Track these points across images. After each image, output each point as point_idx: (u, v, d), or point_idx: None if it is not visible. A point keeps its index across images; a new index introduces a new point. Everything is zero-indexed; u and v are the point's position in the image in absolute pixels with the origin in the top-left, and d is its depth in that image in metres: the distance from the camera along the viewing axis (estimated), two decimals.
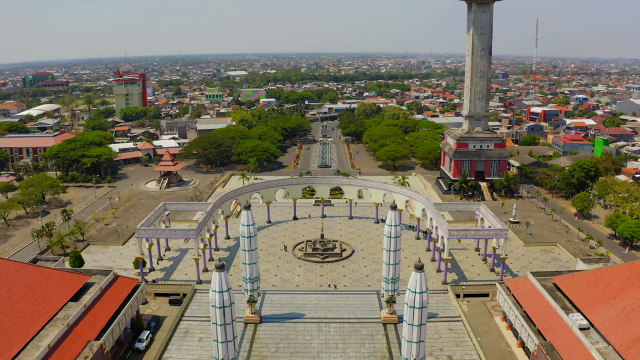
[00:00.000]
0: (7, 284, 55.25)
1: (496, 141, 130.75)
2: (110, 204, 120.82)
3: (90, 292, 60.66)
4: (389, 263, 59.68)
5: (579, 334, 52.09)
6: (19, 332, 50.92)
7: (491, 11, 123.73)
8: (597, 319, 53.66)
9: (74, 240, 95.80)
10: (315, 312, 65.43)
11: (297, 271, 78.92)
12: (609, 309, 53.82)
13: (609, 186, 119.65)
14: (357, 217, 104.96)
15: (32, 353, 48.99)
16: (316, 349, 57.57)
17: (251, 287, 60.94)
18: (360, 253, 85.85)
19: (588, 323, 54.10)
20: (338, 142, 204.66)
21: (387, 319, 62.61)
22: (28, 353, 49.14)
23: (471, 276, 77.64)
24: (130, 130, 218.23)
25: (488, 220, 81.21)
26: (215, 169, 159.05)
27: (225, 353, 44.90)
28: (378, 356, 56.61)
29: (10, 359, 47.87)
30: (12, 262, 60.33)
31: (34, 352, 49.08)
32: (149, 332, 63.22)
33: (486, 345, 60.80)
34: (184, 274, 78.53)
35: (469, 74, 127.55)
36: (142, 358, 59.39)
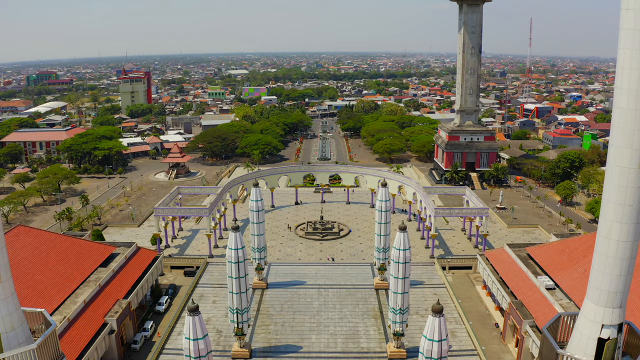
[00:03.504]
0: (46, 250, 63.20)
1: (486, 134, 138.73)
2: (123, 193, 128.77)
3: (117, 260, 68.52)
4: (380, 234, 67.65)
5: (545, 292, 59.92)
6: (58, 290, 58.80)
7: (481, 11, 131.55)
8: (562, 280, 61.51)
9: (92, 224, 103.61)
10: (315, 280, 73.43)
11: (299, 247, 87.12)
12: (573, 271, 61.71)
13: (592, 176, 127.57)
14: (354, 202, 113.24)
15: (70, 307, 56.84)
16: (316, 309, 65.54)
17: (259, 255, 68.92)
18: (356, 232, 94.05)
19: (554, 284, 61.93)
20: (337, 137, 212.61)
21: (379, 284, 70.56)
22: (67, 307, 57.01)
23: (457, 252, 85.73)
24: (137, 126, 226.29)
25: (472, 203, 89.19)
26: (220, 161, 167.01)
27: (239, 302, 52.82)
28: (370, 314, 64.60)
29: (51, 311, 55.87)
30: (49, 232, 68.38)
31: (72, 306, 56.94)
32: (167, 297, 71.17)
33: (467, 308, 68.66)
34: (197, 250, 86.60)
35: (460, 71, 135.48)
36: (162, 318, 67.32)
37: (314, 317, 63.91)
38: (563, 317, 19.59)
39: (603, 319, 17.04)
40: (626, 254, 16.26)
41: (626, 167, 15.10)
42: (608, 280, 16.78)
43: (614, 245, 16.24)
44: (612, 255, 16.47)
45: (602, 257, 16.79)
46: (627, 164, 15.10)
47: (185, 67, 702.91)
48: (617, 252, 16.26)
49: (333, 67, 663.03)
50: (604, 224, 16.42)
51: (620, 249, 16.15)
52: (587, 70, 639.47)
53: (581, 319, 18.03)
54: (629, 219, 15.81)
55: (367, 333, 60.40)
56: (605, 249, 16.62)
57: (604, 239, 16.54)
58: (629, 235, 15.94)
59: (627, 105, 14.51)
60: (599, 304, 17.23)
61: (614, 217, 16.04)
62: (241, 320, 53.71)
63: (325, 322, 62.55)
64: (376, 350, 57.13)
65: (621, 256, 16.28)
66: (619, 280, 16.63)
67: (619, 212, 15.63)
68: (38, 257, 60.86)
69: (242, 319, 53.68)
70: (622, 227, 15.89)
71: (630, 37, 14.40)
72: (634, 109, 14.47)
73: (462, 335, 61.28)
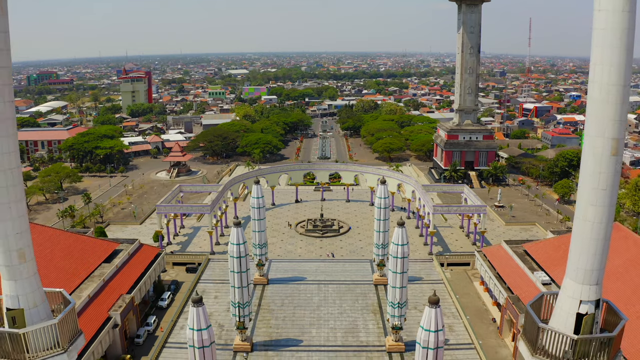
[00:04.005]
0: (50, 246, 64.29)
1: (485, 133, 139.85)
2: (125, 191, 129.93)
3: (120, 256, 69.62)
4: (379, 230, 68.76)
5: (541, 287, 61.05)
6: (63, 285, 59.49)
7: (479, 11, 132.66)
8: (557, 275, 62.59)
9: (94, 222, 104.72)
10: (315, 276, 74.52)
11: (300, 244, 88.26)
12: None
13: None
14: (353, 200, 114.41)
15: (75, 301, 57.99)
16: (316, 304, 66.65)
17: (260, 252, 70.02)
18: (355, 230, 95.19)
19: (550, 279, 63.07)
20: (337, 136, 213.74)
21: (378, 280, 71.67)
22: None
23: (455, 249, 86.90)
24: (137, 125, 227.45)
25: (470, 200, 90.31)
26: (221, 160, 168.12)
27: (240, 296, 53.95)
28: (370, 309, 65.71)
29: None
30: (53, 229, 69.54)
31: (77, 300, 58.04)
32: (169, 292, 72.32)
33: (465, 304, 69.75)
34: (198, 247, 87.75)
35: (459, 71, 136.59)
36: (165, 313, 68.44)
37: (314, 311, 65.01)
38: (546, 296, 20.78)
39: (581, 295, 18.29)
40: (600, 235, 17.50)
41: (599, 154, 16.33)
42: (585, 259, 18.03)
43: (589, 226, 17.47)
44: (587, 236, 17.72)
45: (579, 238, 18.04)
46: (600, 151, 16.35)
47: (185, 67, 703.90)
48: (592, 233, 17.50)
49: (333, 67, 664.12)
50: (580, 207, 17.67)
51: (595, 230, 17.37)
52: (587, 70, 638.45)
53: (561, 296, 19.30)
54: (603, 202, 17.03)
55: (366, 327, 61.51)
56: (582, 230, 17.87)
57: (580, 221, 17.78)
58: (602, 217, 17.17)
59: (599, 97, 15.83)
60: (577, 281, 18.45)
61: (588, 200, 17.28)
62: (243, 314, 54.85)
63: (325, 317, 63.66)
64: (375, 344, 58.23)
65: (596, 237, 17.49)
66: (595, 259, 17.87)
67: (593, 195, 16.78)
68: (43, 252, 61.91)
69: (243, 313, 54.81)
70: (596, 210, 17.09)
71: (601, 35, 15.71)
72: (605, 101, 15.78)
73: (460, 330, 62.37)
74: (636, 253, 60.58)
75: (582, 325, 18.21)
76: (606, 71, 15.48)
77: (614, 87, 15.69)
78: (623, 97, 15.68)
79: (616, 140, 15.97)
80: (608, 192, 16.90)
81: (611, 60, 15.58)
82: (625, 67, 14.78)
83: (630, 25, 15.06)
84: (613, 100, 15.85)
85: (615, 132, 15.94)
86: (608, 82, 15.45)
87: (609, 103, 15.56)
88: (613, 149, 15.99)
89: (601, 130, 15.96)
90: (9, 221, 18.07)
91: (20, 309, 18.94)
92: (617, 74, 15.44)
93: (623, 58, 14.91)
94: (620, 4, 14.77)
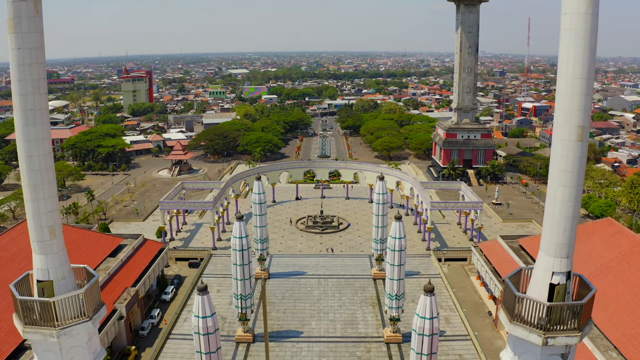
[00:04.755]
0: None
1: (483, 132, 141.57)
2: (127, 189, 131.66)
3: (124, 251, 71.30)
4: (378, 226, 70.24)
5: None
6: None
7: (478, 12, 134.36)
8: None
9: (97, 219, 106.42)
10: (315, 271, 76.09)
11: (300, 240, 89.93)
12: None
13: (586, 173, 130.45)
14: (353, 197, 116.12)
15: None
16: (316, 297, 68.18)
17: (261, 247, 71.56)
18: (355, 226, 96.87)
19: None
20: (337, 135, 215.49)
21: (377, 274, 73.19)
22: None
23: (452, 244, 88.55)
24: (139, 124, 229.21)
25: (468, 197, 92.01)
26: (222, 158, 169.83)
27: (243, 289, 55.54)
28: (368, 302, 67.29)
29: None
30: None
31: None
32: (173, 287, 74.06)
33: (461, 297, 71.35)
34: (200, 243, 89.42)
35: (458, 70, 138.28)
36: (168, 307, 70.12)
37: (314, 304, 66.58)
38: (524, 270, 22.53)
39: (553, 267, 20.06)
40: (569, 212, 19.31)
41: (566, 140, 18.28)
42: (556, 234, 19.78)
43: (559, 204, 19.26)
44: (557, 214, 19.49)
45: (550, 215, 19.84)
46: (566, 137, 18.29)
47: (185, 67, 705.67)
48: (561, 211, 19.29)
49: (333, 67, 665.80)
50: (551, 188, 19.47)
51: (564, 208, 19.18)
52: None
53: (536, 268, 21.09)
54: (570, 182, 18.88)
55: (365, 319, 63.09)
56: (553, 208, 19.69)
57: (551, 200, 19.60)
58: (570, 196, 19.01)
59: (565, 90, 17.80)
60: (549, 254, 20.20)
61: (558, 181, 19.10)
62: (245, 306, 56.42)
63: (325, 310, 65.24)
64: (373, 335, 59.82)
65: (565, 214, 19.30)
66: (565, 234, 19.69)
67: (562, 177, 18.67)
68: None
69: (245, 305, 56.38)
70: (565, 190, 18.95)
71: (567, 35, 17.69)
72: (571, 93, 17.70)
73: (456, 322, 63.96)
74: (628, 247, 62.20)
75: (555, 295, 19.98)
76: (571, 67, 17.34)
77: (578, 81, 17.66)
78: (587, 89, 17.60)
79: (581, 128, 17.85)
80: (575, 174, 18.78)
81: (575, 57, 17.55)
82: (588, 63, 16.76)
83: (593, 26, 16.92)
84: (578, 92, 17.87)
85: (580, 120, 17.86)
86: (573, 76, 17.37)
87: (574, 95, 17.58)
88: (579, 135, 17.87)
89: (568, 119, 17.94)
90: (42, 200, 20.41)
91: (50, 281, 20.89)
92: (581, 69, 17.26)
93: (586, 55, 16.80)
94: (583, 8, 16.68)
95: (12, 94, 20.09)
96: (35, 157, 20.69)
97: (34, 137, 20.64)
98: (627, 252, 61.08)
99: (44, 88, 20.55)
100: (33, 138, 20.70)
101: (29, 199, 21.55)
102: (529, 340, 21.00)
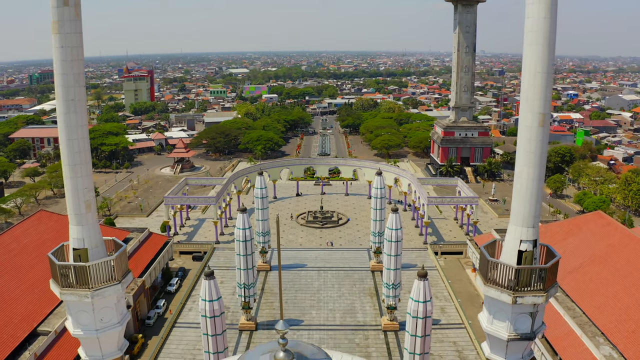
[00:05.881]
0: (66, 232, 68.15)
1: (480, 130, 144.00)
2: (131, 186, 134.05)
3: (131, 243, 73.54)
4: (376, 219, 72.79)
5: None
6: None
7: (475, 12, 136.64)
8: None
9: (102, 215, 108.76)
10: (315, 263, 78.62)
11: (300, 234, 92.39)
12: None
13: (582, 170, 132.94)
14: (352, 194, 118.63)
15: None
16: (316, 288, 70.71)
17: (263, 239, 74.11)
18: (354, 221, 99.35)
19: None
20: (337, 134, 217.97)
21: (375, 266, 75.69)
22: None
23: (449, 239, 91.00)
24: (141, 123, 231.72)
25: (464, 192, 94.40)
26: (223, 156, 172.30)
27: (246, 278, 57.97)
28: (367, 293, 69.80)
29: None
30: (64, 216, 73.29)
31: None
32: (177, 279, 76.40)
33: (457, 289, 73.75)
34: (204, 237, 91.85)
35: (455, 69, 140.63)
36: (173, 298, 72.51)
37: (314, 295, 69.06)
38: (498, 241, 25.23)
39: (521, 235, 22.83)
40: (534, 188, 21.96)
41: (529, 125, 21.09)
42: (523, 207, 22.45)
43: (525, 181, 21.93)
44: (524, 189, 22.22)
45: (518, 191, 22.54)
46: (529, 123, 21.05)
47: (186, 66, 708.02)
48: (527, 187, 21.96)
49: (333, 66, 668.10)
50: (518, 167, 22.22)
51: (529, 185, 21.87)
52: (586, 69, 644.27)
53: (507, 238, 23.71)
54: (534, 162, 21.56)
55: (364, 309, 65.56)
56: (519, 185, 22.39)
57: (518, 177, 22.33)
58: (534, 174, 21.70)
59: (529, 83, 20.48)
60: (517, 224, 22.86)
61: (523, 162, 21.83)
62: (248, 295, 58.88)
63: (325, 300, 67.70)
64: (371, 324, 62.28)
65: (530, 189, 21.99)
66: (530, 207, 22.44)
67: (526, 158, 21.46)
68: (60, 239, 65.47)
69: (248, 294, 58.84)
70: (529, 169, 21.66)
71: (529, 36, 20.41)
72: (533, 85, 20.35)
73: (452, 312, 66.47)
74: (617, 239, 64.56)
75: (523, 260, 22.65)
76: (533, 62, 20.02)
77: (539, 74, 20.48)
78: (547, 82, 20.34)
79: (542, 115, 20.66)
80: (537, 155, 21.58)
81: (536, 54, 20.36)
82: (548, 59, 19.50)
83: (552, 28, 19.75)
84: (539, 84, 20.67)
85: (542, 108, 20.67)
86: (535, 70, 20.08)
87: (536, 86, 20.37)
88: (540, 121, 20.65)
89: (530, 107, 20.78)
90: (80, 178, 23.71)
91: (85, 249, 24.15)
92: (541, 64, 19.91)
93: (546, 52, 19.64)
94: (543, 13, 19.49)
95: (55, 85, 23.32)
96: (74, 140, 23.78)
97: (74, 123, 23.66)
98: (616, 244, 63.45)
99: (83, 81, 23.71)
100: (73, 124, 23.66)
101: (69, 176, 24.60)
102: (501, 299, 23.79)
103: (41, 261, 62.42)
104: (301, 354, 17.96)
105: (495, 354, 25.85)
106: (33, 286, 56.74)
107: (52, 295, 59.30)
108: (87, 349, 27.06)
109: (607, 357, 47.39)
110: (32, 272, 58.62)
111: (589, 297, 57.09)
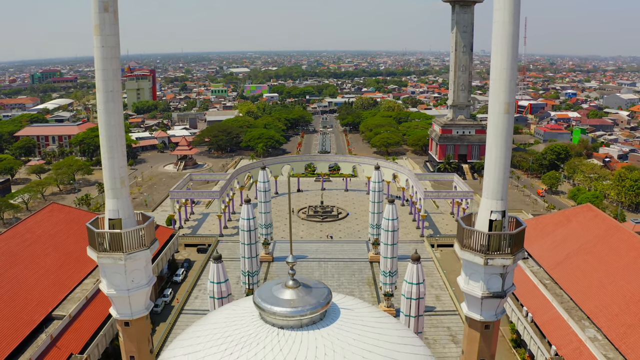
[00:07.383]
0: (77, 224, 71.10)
1: (477, 128, 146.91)
2: (135, 183, 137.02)
3: None
4: (374, 212, 75.84)
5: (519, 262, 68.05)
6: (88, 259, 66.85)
7: (472, 12, 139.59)
8: (533, 250, 69.67)
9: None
10: (316, 255, 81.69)
11: (301, 228, 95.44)
12: (543, 243, 69.96)
13: (577, 167, 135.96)
14: (351, 189, 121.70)
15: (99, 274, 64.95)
16: (317, 278, 73.50)
17: (266, 231, 77.13)
18: (353, 215, 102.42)
19: (526, 254, 70.06)
20: (337, 132, 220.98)
21: (373, 258, 78.72)
22: (96, 274, 65.13)
23: (445, 232, 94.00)
24: (143, 121, 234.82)
25: (460, 187, 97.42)
26: (225, 154, 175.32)
27: (250, 266, 61.01)
28: (365, 282, 72.87)
29: (86, 275, 64.07)
30: (79, 210, 76.76)
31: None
32: (183, 269, 79.45)
33: (452, 279, 76.39)
34: (208, 230, 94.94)
35: (453, 68, 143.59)
36: (179, 287, 75.53)
37: None
38: (473, 214, 28.53)
39: (491, 207, 26.12)
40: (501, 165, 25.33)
41: (497, 112, 24.49)
42: (492, 182, 25.69)
43: (493, 160, 25.20)
44: (493, 166, 25.57)
45: (488, 168, 25.93)
46: (497, 110, 24.45)
47: (187, 66, 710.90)
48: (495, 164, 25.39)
49: (333, 66, 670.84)
50: (488, 148, 25.64)
51: (497, 162, 25.38)
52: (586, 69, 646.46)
53: (480, 209, 27.03)
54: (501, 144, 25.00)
55: (362, 296, 68.49)
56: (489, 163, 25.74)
57: (488, 156, 25.77)
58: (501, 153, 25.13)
59: (496, 77, 23.93)
60: (488, 197, 26.11)
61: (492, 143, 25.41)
62: (251, 282, 61.87)
63: None
64: None
65: (498, 167, 25.39)
66: (499, 182, 25.74)
67: (495, 140, 24.95)
68: (72, 230, 68.99)
69: (252, 281, 61.83)
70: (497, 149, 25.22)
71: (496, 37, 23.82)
72: (499, 79, 23.66)
73: (446, 300, 69.55)
74: (604, 230, 67.51)
75: (493, 228, 25.90)
76: (499, 60, 23.47)
77: (504, 70, 24.01)
78: (511, 76, 23.90)
79: (507, 104, 24.19)
80: (503, 138, 25.25)
81: (502, 53, 23.93)
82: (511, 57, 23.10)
83: (515, 31, 23.28)
84: (504, 78, 24.19)
85: (506, 97, 24.08)
86: (501, 67, 23.66)
87: (501, 80, 23.94)
88: (505, 109, 24.11)
89: (497, 97, 24.43)
90: (115, 158, 27.49)
91: (119, 219, 28.09)
92: (506, 61, 23.45)
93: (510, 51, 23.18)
94: (507, 18, 23.00)
95: (96, 79, 26.99)
96: (112, 126, 27.56)
97: (112, 110, 27.35)
98: (603, 234, 66.44)
99: (119, 76, 27.47)
100: (111, 111, 27.31)
101: (107, 157, 28.16)
102: (475, 262, 27.33)
103: (55, 250, 65.60)
104: (306, 284, 21.80)
105: (472, 311, 29.77)
106: (48, 273, 59.75)
107: (66, 282, 62.58)
108: (118, 307, 30.90)
109: (591, 339, 50.47)
110: (46, 260, 61.64)
111: (575, 283, 60.09)
